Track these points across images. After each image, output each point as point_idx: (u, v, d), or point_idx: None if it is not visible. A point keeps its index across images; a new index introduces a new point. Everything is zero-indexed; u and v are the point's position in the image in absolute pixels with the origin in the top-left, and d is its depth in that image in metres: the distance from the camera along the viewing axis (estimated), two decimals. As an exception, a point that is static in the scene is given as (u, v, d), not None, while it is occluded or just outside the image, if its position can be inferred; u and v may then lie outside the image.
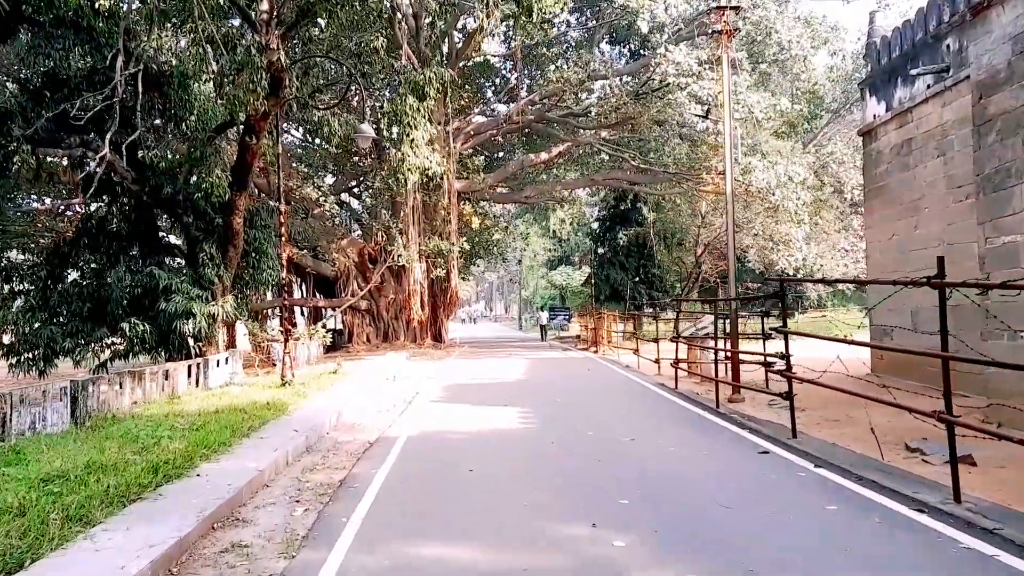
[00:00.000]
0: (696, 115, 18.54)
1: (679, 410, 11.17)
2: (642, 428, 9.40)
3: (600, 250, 37.22)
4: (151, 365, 13.90)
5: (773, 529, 5.11)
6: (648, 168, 24.40)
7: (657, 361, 16.75)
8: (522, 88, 28.35)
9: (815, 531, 5.07)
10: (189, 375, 13.93)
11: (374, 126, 17.20)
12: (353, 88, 15.66)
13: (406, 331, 28.64)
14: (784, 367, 8.44)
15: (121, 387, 11.26)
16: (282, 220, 13.61)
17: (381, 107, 16.40)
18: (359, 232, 32.45)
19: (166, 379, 12.87)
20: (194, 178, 14.80)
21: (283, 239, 13.72)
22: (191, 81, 13.32)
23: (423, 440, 9.09)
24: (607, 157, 31.24)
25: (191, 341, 14.78)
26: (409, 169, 15.41)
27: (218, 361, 15.15)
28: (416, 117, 14.33)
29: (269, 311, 30.36)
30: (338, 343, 29.10)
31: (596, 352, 24.96)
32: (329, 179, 30.59)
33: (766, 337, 13.79)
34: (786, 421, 9.33)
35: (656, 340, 16.82)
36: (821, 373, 8.01)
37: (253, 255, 16.22)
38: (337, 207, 27.21)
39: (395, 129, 16.46)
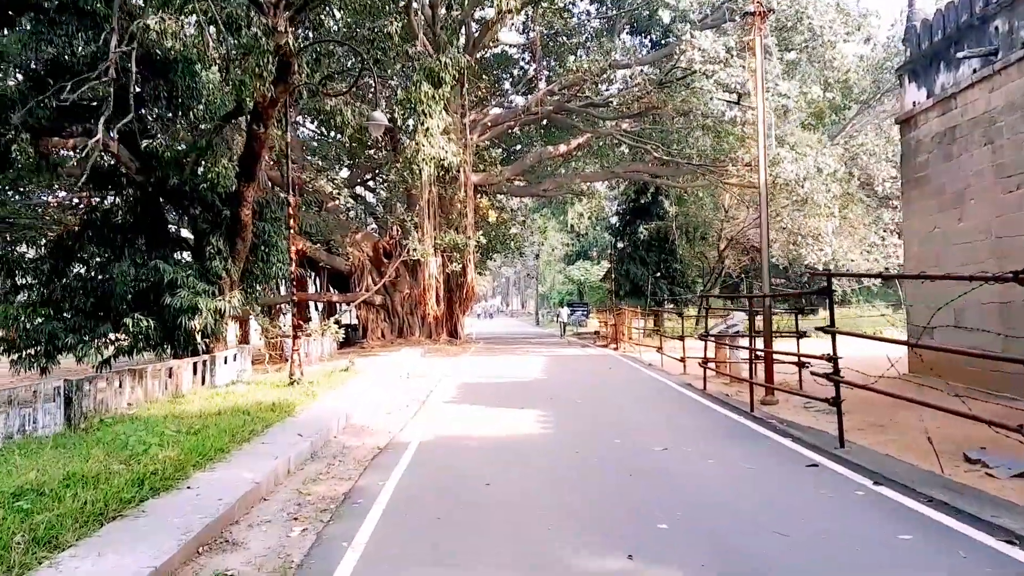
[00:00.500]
0: (725, 99, 17.67)
1: (711, 414, 10.43)
2: (674, 435, 8.67)
3: (620, 244, 36.38)
4: (156, 362, 13.41)
5: (844, 566, 4.39)
6: (671, 160, 23.57)
7: (683, 360, 16.00)
8: (541, 79, 27.57)
9: (890, 568, 4.35)
10: (195, 373, 13.42)
11: (388, 115, 16.57)
12: (366, 76, 15.00)
13: (421, 327, 28.07)
14: (831, 370, 7.68)
15: (120, 386, 10.73)
16: (292, 212, 13.00)
17: (395, 96, 15.74)
18: (374, 226, 31.92)
19: (169, 377, 12.35)
20: (201, 169, 14.27)
21: (293, 231, 13.11)
22: (196, 67, 12.73)
23: (436, 446, 8.45)
24: (627, 149, 30.45)
25: (198, 337, 14.23)
26: (424, 159, 14.76)
27: (226, 358, 14.63)
28: (431, 105, 13.66)
29: (282, 306, 29.98)
30: (352, 339, 28.62)
31: (616, 349, 24.22)
32: (344, 173, 30.08)
33: (800, 335, 13.03)
34: (827, 426, 8.63)
35: (681, 338, 16.07)
36: (875, 379, 7.27)
37: (262, 248, 15.66)
38: (352, 200, 26.65)
39: (410, 121, 15.82)
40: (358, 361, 19.13)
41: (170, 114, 15.10)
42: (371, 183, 31.75)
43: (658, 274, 33.32)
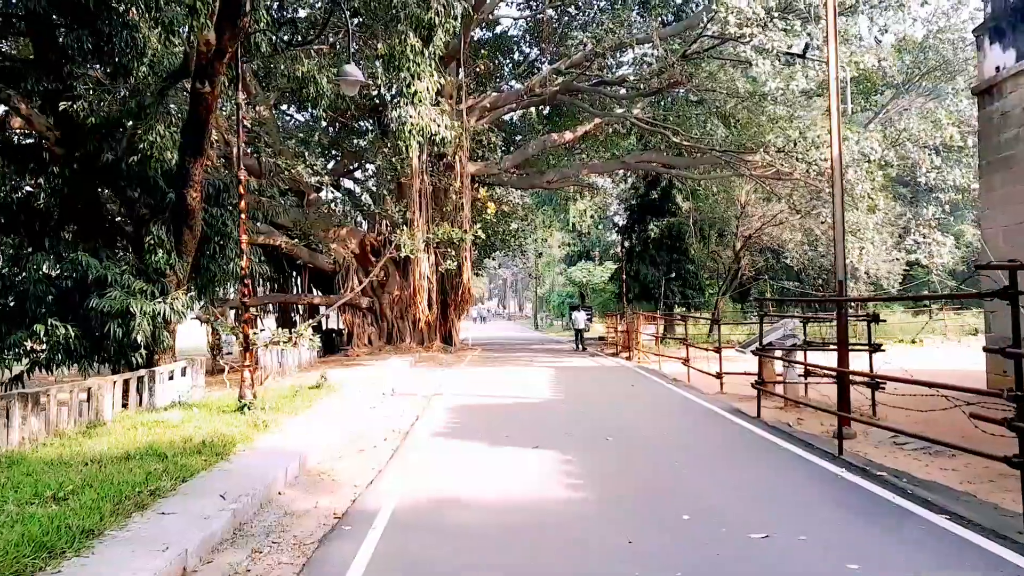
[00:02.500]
0: (789, 54, 15.01)
1: (793, 461, 7.80)
2: (765, 505, 5.94)
3: (627, 243, 33.82)
4: (76, 379, 10.82)
5: None
6: (692, 145, 21.00)
7: (719, 376, 13.44)
8: (545, 58, 24.96)
9: None
10: (125, 393, 10.82)
11: (369, 78, 14.00)
12: (339, 29, 12.39)
13: (412, 332, 25.45)
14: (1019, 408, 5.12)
15: (8, 417, 8.12)
16: (242, 191, 10.39)
17: (378, 64, 13.15)
18: (362, 222, 29.29)
19: (87, 401, 9.74)
20: (142, 144, 11.64)
21: (243, 215, 10.49)
22: (122, 8, 10.11)
23: (416, 518, 5.83)
24: (636, 139, 27.87)
25: (141, 346, 11.59)
26: (411, 132, 12.18)
27: (171, 373, 12.01)
28: (419, 63, 11.09)
29: (266, 308, 27.36)
30: (336, 345, 26.00)
31: (630, 359, 21.64)
32: (330, 165, 27.43)
33: (875, 349, 10.51)
34: (946, 476, 6.14)
35: (719, 349, 13.51)
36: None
37: (217, 240, 13.07)
38: (335, 191, 24.03)
39: (396, 92, 13.23)
40: (337, 374, 16.53)
41: (110, 77, 12.51)
42: (358, 174, 29.10)
43: (672, 275, 30.76)
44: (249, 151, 20.05)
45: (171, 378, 12.01)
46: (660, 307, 30.10)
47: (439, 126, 13.02)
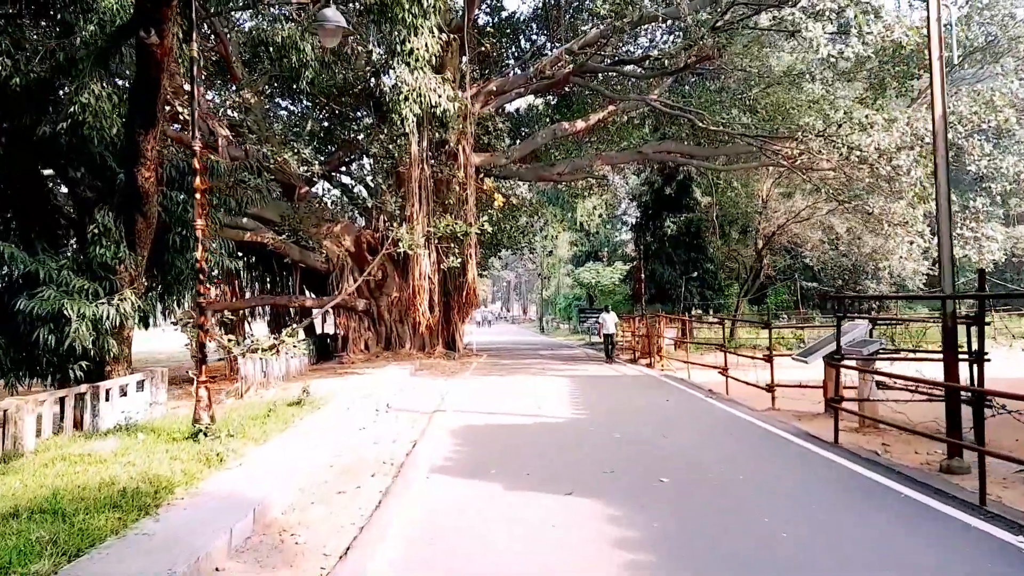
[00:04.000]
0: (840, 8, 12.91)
1: (924, 514, 5.77)
2: None
3: (642, 242, 31.79)
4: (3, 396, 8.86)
5: None
6: (720, 130, 18.98)
7: (771, 389, 11.43)
8: (556, 46, 22.87)
9: None
10: (63, 414, 8.88)
11: (356, 34, 12.05)
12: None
13: (412, 337, 23.44)
14: None
15: None
16: (197, 165, 8.40)
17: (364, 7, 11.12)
18: (360, 220, 27.30)
19: (2, 426, 7.78)
20: (72, 107, 9.60)
21: (200, 195, 8.50)
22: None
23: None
24: (651, 130, 25.85)
25: (79, 356, 9.61)
26: (407, 101, 10.20)
27: (123, 388, 10.03)
28: (415, 13, 9.11)
29: (254, 311, 25.36)
30: (331, 351, 23.99)
31: (651, 366, 19.63)
32: (323, 159, 25.43)
33: (979, 358, 8.50)
34: None
35: (770, 358, 11.51)
36: None
37: (179, 231, 11.07)
38: (328, 183, 22.07)
39: (391, 73, 11.26)
40: (326, 385, 14.58)
41: (52, 37, 10.55)
42: (354, 167, 27.08)
43: (695, 274, 28.72)
44: (233, 138, 18.12)
45: (124, 394, 10.04)
46: (680, 309, 28.10)
47: (439, 96, 11.07)
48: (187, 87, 12.85)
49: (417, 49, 9.67)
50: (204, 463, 7.05)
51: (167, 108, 12.74)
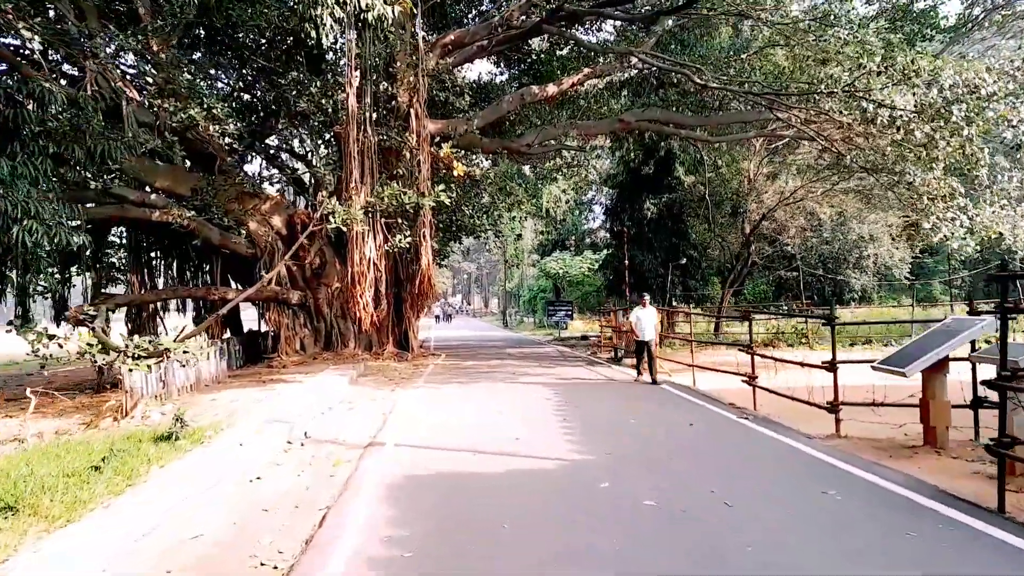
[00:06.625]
0: None
1: None
2: None
3: (616, 227, 28.66)
4: None
5: None
6: (724, 87, 15.85)
7: (835, 408, 8.29)
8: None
9: None
10: None
11: None
12: None
13: (357, 335, 19.89)
14: None
15: None
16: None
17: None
18: (302, 202, 23.52)
19: None
20: None
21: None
22: None
23: None
24: (629, 99, 22.66)
25: None
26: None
27: None
28: None
29: (165, 305, 21.40)
30: (261, 352, 20.28)
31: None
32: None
33: None
34: None
35: (833, 368, 8.37)
36: None
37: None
38: (253, 152, 18.29)
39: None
40: (237, 399, 11.05)
41: None
42: (288, 134, 23.19)
43: (682, 261, 25.68)
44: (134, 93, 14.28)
45: None
46: (664, 300, 25.06)
47: (372, -9, 7.55)
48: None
49: None
50: None
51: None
